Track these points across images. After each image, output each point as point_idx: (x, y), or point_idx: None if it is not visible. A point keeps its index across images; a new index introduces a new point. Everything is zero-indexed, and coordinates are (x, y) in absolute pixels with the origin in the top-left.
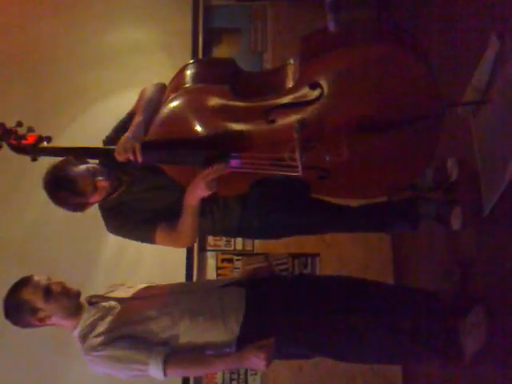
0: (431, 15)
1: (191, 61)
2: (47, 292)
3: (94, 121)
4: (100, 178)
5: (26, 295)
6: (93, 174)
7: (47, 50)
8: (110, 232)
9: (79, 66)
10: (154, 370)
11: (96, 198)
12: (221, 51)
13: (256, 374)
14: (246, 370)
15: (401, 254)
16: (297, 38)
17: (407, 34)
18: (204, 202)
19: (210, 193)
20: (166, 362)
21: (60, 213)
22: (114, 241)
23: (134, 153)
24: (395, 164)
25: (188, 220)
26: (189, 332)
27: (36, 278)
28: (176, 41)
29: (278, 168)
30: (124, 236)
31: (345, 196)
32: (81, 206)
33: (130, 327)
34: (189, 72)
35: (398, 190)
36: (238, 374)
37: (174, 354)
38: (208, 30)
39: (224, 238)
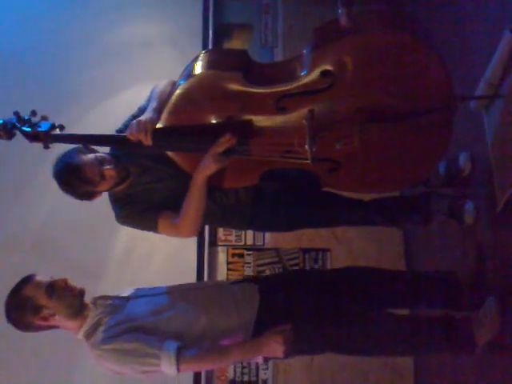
0: (443, 10)
1: (204, 51)
2: (50, 288)
3: (104, 116)
4: (108, 167)
5: (29, 292)
6: (101, 162)
7: (58, 45)
8: (118, 222)
9: (89, 61)
10: (166, 364)
11: (104, 186)
12: (231, 46)
13: (267, 367)
14: (257, 364)
15: (413, 249)
16: (307, 32)
17: (419, 24)
18: (215, 192)
19: (218, 168)
20: (179, 355)
21: (74, 206)
22: (126, 234)
23: (146, 135)
24: (406, 158)
25: (193, 202)
26: (203, 324)
27: (38, 277)
28: (186, 36)
29: (287, 156)
30: (131, 225)
31: (355, 190)
32: (88, 195)
33: (140, 320)
34: (201, 60)
35: (410, 185)
36: (249, 368)
37: (187, 347)
38: (218, 26)
39: (234, 233)
